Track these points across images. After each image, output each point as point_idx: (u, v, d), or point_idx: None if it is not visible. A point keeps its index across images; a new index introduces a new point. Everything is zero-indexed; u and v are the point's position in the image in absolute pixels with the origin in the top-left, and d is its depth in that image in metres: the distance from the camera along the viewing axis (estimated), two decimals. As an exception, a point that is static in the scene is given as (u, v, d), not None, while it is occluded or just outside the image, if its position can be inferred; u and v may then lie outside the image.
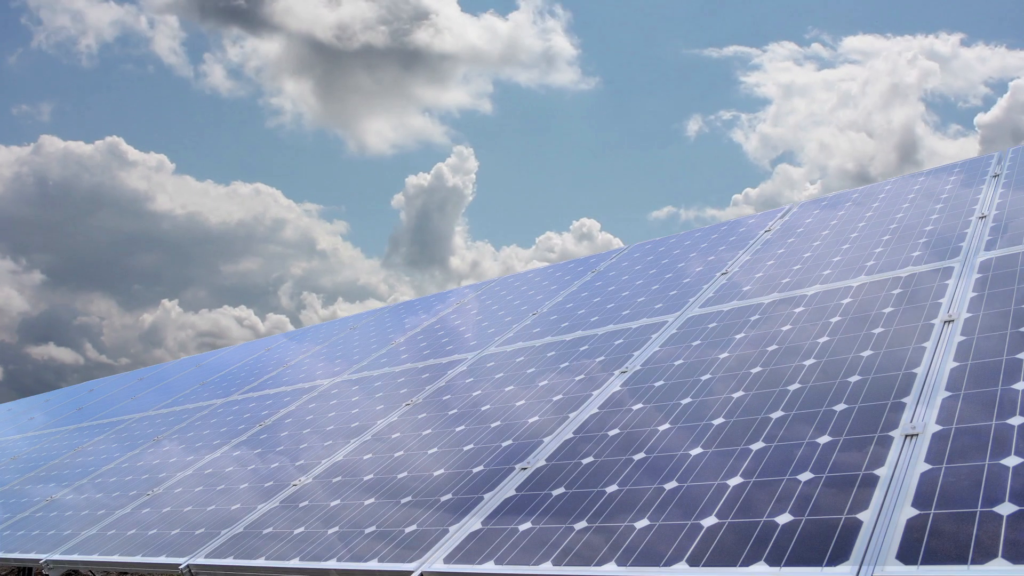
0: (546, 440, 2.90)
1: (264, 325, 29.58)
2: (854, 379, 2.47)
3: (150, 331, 30.14)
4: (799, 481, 2.02)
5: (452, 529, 2.51)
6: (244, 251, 35.60)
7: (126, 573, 4.95)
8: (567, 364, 3.67)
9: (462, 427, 3.39)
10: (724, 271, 4.20)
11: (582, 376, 3.43)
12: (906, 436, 2.04)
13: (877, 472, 1.93)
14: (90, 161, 31.29)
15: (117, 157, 31.57)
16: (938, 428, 2.02)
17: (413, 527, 2.64)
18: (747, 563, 1.78)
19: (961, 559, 1.53)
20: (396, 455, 3.37)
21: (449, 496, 2.76)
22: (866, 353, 2.62)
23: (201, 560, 3.13)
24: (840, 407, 2.33)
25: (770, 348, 2.96)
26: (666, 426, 2.64)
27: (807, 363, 2.71)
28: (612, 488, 2.37)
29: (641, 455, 2.50)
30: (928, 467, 1.87)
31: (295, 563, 2.76)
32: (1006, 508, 1.62)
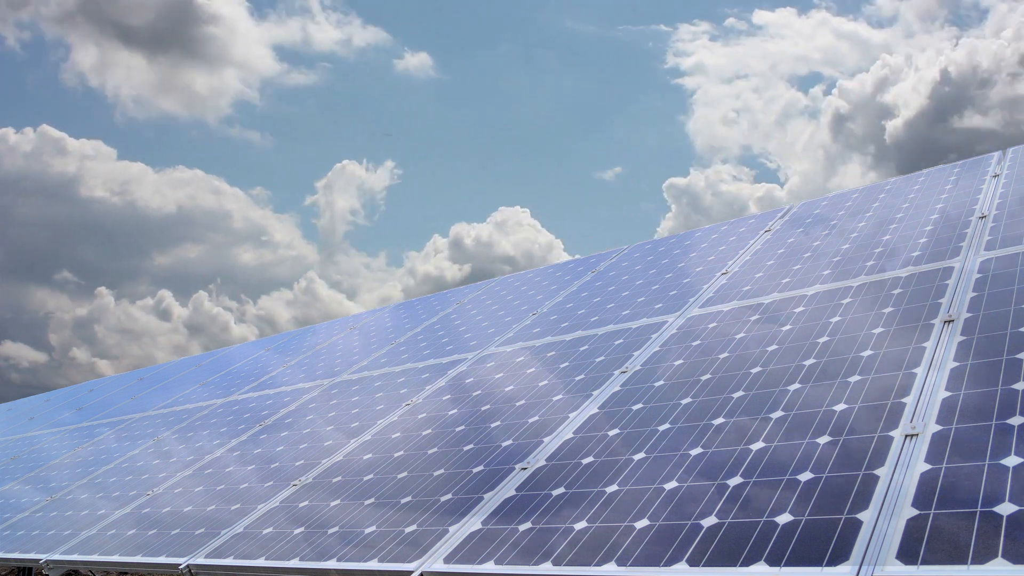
0: (546, 440, 2.90)
1: (189, 315, 29.68)
2: (854, 379, 2.47)
3: (91, 323, 30.11)
4: (799, 481, 2.02)
5: (452, 529, 2.51)
6: (183, 238, 35.48)
7: (126, 573, 4.95)
8: (567, 364, 3.67)
9: (462, 427, 3.39)
10: (724, 271, 4.20)
11: (582, 376, 3.43)
12: (906, 436, 2.04)
13: (877, 472, 1.93)
14: (17, 150, 31.01)
15: (50, 143, 31.32)
16: (938, 428, 2.02)
17: (413, 527, 2.64)
18: (747, 563, 1.78)
19: (961, 559, 1.53)
20: (396, 455, 3.37)
21: (449, 496, 2.76)
22: (866, 353, 2.62)
23: (201, 560, 3.13)
24: (840, 407, 2.33)
25: (770, 348, 2.96)
26: (666, 426, 2.64)
27: (807, 363, 2.71)
28: (612, 488, 2.37)
29: (641, 455, 2.50)
30: (928, 467, 1.87)
31: (295, 563, 2.76)
32: (1006, 508, 1.62)
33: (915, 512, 1.72)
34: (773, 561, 1.75)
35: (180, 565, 3.15)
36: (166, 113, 34.96)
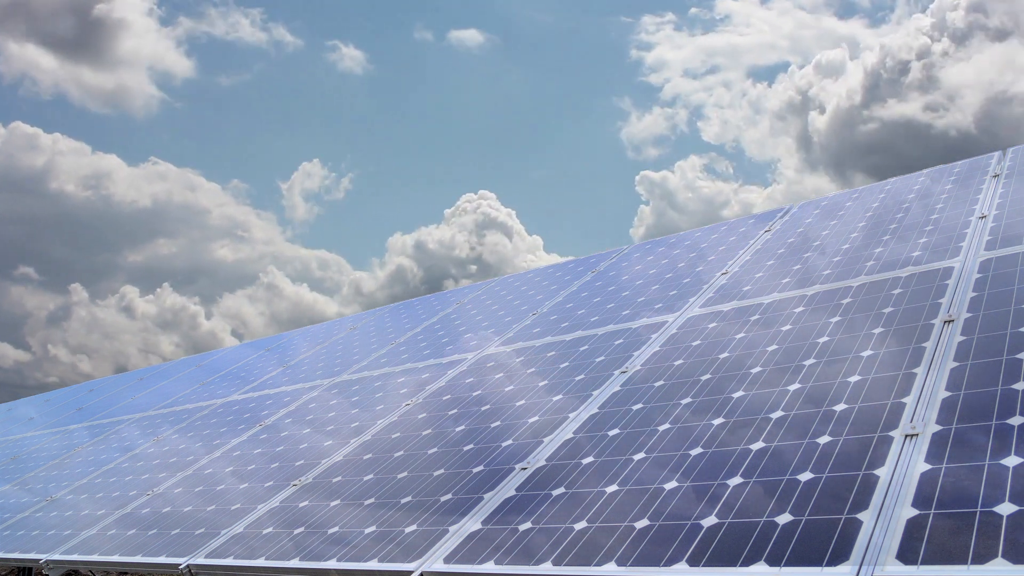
0: (546, 440, 2.90)
1: (160, 312, 29.67)
2: (854, 379, 2.47)
3: (67, 320, 29.99)
4: (799, 481, 2.02)
5: (452, 529, 2.51)
6: (158, 233, 35.34)
7: (126, 573, 4.94)
8: (567, 364, 3.67)
9: (462, 427, 3.39)
10: (724, 271, 4.20)
11: (582, 376, 3.43)
12: (906, 436, 2.04)
13: (877, 472, 1.93)
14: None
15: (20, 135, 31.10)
16: (938, 428, 2.02)
17: (413, 527, 2.64)
18: (747, 563, 1.78)
19: (961, 559, 1.53)
20: (396, 455, 3.37)
21: (449, 496, 2.76)
22: (866, 353, 2.62)
23: (201, 560, 3.13)
24: (840, 407, 2.33)
25: (770, 348, 2.96)
26: (666, 426, 2.64)
27: (807, 363, 2.71)
28: (612, 488, 2.37)
29: (641, 455, 2.50)
30: (928, 467, 1.87)
31: (295, 563, 2.76)
32: (1006, 508, 1.62)
33: (915, 512, 1.72)
34: (773, 561, 1.75)
35: (180, 565, 3.15)
36: (89, 112, 34.77)
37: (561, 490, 2.48)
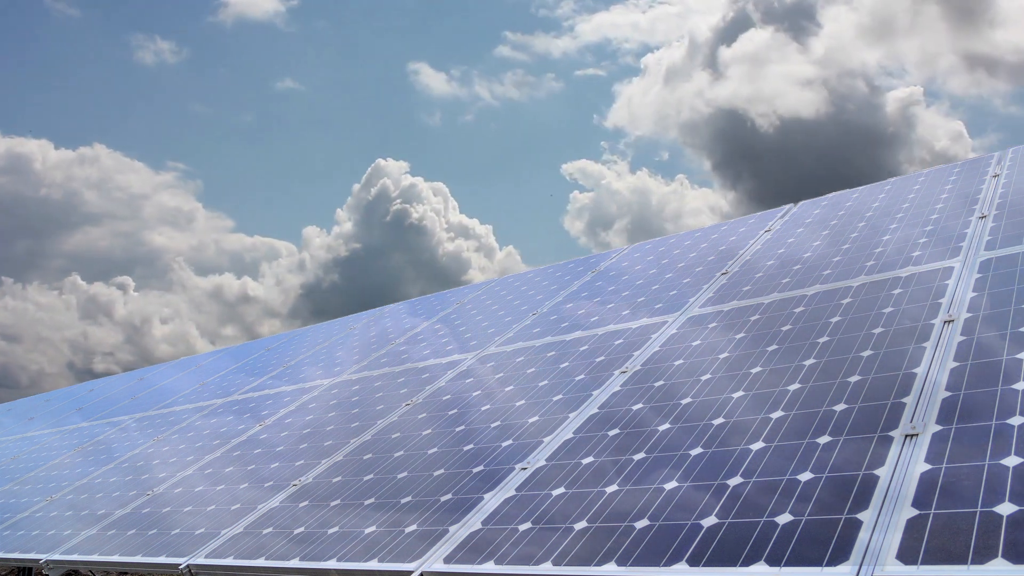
0: (546, 440, 2.90)
1: (84, 302, 29.53)
2: (854, 379, 2.47)
3: (5, 315, 29.86)
4: (799, 481, 2.02)
5: (452, 529, 2.51)
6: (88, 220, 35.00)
7: (126, 573, 4.95)
8: (567, 364, 3.67)
9: (462, 427, 3.39)
10: (724, 271, 4.20)
11: (582, 376, 3.43)
12: (906, 436, 2.04)
13: (877, 472, 1.93)
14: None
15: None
16: (938, 428, 2.02)
17: (413, 527, 2.64)
18: (747, 563, 1.78)
19: (961, 559, 1.53)
20: (396, 455, 3.37)
21: (449, 496, 2.76)
22: (866, 353, 2.62)
23: (201, 560, 3.13)
24: (840, 407, 2.33)
25: (770, 348, 2.96)
26: (666, 426, 2.64)
27: (807, 363, 2.71)
28: (612, 488, 2.37)
29: (641, 455, 2.50)
30: (928, 467, 1.87)
31: (295, 563, 2.76)
32: (1006, 508, 1.62)
33: (915, 512, 1.72)
34: (773, 561, 1.75)
35: (180, 565, 3.15)
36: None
37: (561, 490, 2.48)
